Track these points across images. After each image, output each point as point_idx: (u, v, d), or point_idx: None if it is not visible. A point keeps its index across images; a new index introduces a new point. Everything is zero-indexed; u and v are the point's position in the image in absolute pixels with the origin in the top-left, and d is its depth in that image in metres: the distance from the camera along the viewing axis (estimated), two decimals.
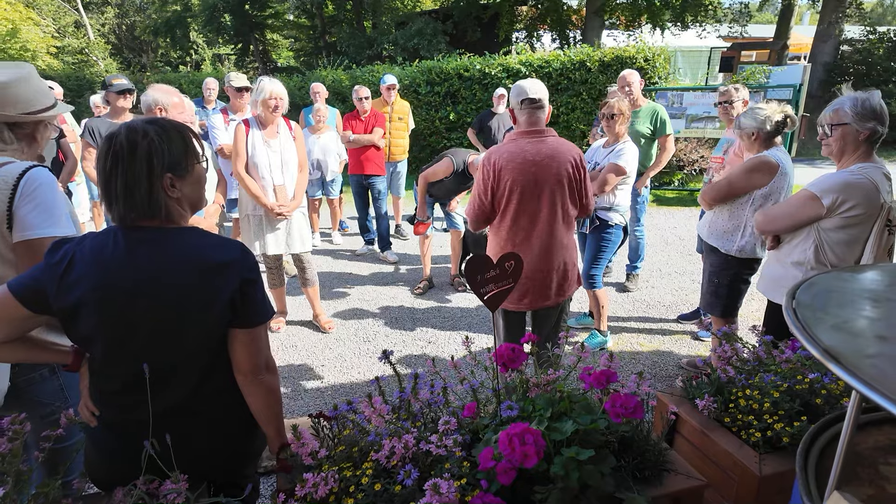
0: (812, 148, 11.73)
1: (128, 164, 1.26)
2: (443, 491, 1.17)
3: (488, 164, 2.47)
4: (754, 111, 2.77)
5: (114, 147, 1.26)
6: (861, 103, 2.17)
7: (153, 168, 1.28)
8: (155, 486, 1.30)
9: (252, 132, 3.80)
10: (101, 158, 1.28)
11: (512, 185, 2.45)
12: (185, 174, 1.35)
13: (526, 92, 2.46)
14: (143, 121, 1.30)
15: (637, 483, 1.44)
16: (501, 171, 2.44)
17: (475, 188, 2.58)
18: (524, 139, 2.48)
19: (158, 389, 1.33)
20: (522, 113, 2.49)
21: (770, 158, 2.73)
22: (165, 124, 1.32)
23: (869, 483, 0.85)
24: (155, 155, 1.27)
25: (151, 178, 1.28)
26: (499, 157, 2.45)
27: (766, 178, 2.72)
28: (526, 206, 2.48)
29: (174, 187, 1.33)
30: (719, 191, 2.88)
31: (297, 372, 3.70)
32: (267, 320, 1.42)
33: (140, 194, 1.27)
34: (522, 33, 19.59)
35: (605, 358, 1.62)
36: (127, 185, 1.26)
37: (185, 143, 1.34)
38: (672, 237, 6.62)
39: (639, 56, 9.13)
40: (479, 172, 2.52)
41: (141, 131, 1.27)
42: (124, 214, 1.30)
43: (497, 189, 2.48)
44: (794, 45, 20.04)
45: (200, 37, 25.13)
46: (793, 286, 0.89)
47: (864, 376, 0.62)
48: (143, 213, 1.30)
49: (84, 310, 1.27)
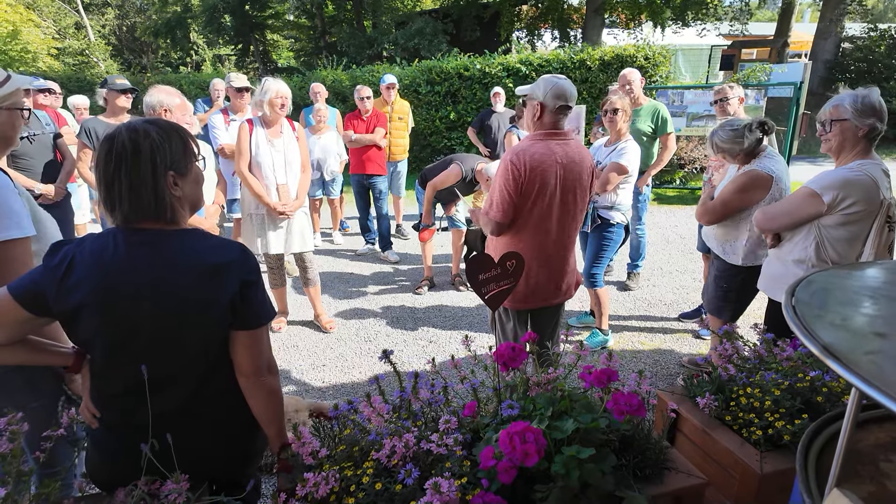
0: (813, 145, 11.72)
1: (132, 164, 1.25)
2: (443, 490, 1.17)
3: (519, 163, 2.36)
4: (726, 129, 2.74)
5: (116, 148, 1.25)
6: (861, 100, 2.17)
7: (157, 167, 1.28)
8: (156, 486, 1.30)
9: (256, 131, 3.80)
10: (101, 161, 1.27)
11: (541, 186, 2.38)
12: (185, 172, 1.35)
13: (567, 98, 2.37)
14: (141, 121, 1.31)
15: (638, 481, 1.44)
16: (532, 171, 2.36)
17: (499, 189, 2.43)
18: (552, 141, 2.41)
19: (159, 391, 1.33)
20: (553, 114, 2.39)
21: (761, 172, 2.67)
22: (164, 124, 1.33)
23: (869, 480, 0.85)
24: (158, 154, 1.27)
25: (156, 178, 1.28)
26: (530, 157, 2.36)
27: (762, 194, 2.68)
28: (550, 208, 2.44)
29: (177, 185, 1.33)
30: (714, 213, 2.85)
31: (299, 372, 3.71)
32: (268, 322, 1.42)
33: (146, 195, 1.27)
34: (523, 32, 19.58)
35: (604, 357, 1.62)
36: (132, 186, 1.26)
37: (183, 141, 1.35)
38: (673, 235, 6.62)
39: (639, 54, 9.13)
40: (505, 172, 2.39)
41: (142, 131, 1.27)
42: (129, 216, 1.29)
43: (526, 189, 2.39)
44: (795, 43, 20.01)
45: (201, 37, 25.12)
46: (792, 284, 0.89)
47: (863, 373, 0.62)
48: (149, 214, 1.30)
49: (84, 313, 1.27)
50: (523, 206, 2.44)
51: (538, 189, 2.39)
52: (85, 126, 3.91)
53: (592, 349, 3.76)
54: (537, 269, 2.53)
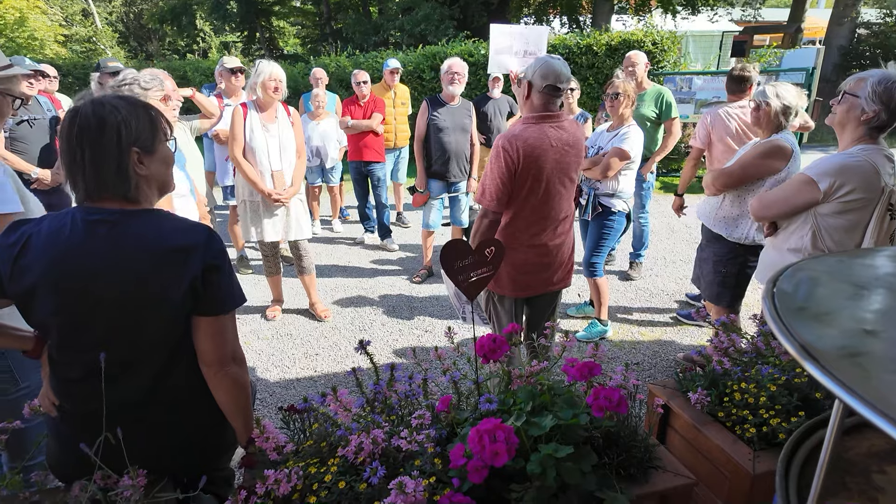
0: (824, 133, 11.44)
1: (95, 135, 1.21)
2: (408, 490, 1.11)
3: (511, 149, 2.25)
4: (783, 90, 2.68)
5: (80, 120, 1.20)
6: (885, 84, 2.01)
7: (121, 141, 1.23)
8: (114, 481, 1.25)
9: (250, 116, 3.72)
10: (64, 132, 1.22)
11: (536, 172, 2.29)
12: (152, 151, 1.30)
13: (556, 79, 2.24)
14: (109, 95, 1.26)
15: (622, 481, 1.36)
16: (527, 157, 2.26)
17: (492, 175, 2.33)
18: (546, 124, 2.30)
19: (119, 379, 1.28)
20: (541, 95, 2.29)
21: (784, 143, 2.65)
22: (132, 99, 1.29)
23: (859, 494, 0.75)
24: (123, 127, 1.22)
25: (120, 151, 1.23)
26: (523, 142, 2.25)
27: (780, 164, 2.64)
28: (547, 194, 2.36)
29: (142, 164, 1.28)
30: (731, 176, 2.78)
31: (292, 361, 3.66)
32: (233, 309, 1.35)
33: (109, 169, 1.23)
34: (531, 18, 19.30)
35: (591, 348, 1.54)
36: (94, 158, 1.22)
37: (151, 119, 1.30)
38: (678, 225, 6.49)
39: (647, 40, 8.93)
40: (497, 159, 2.29)
41: (108, 104, 1.22)
42: (91, 190, 1.25)
43: (520, 175, 2.29)
44: (809, 29, 19.57)
45: (207, 24, 25.02)
46: (777, 271, 0.79)
47: (846, 379, 0.53)
48: (111, 189, 1.25)
49: (39, 294, 1.22)
50: (518, 194, 2.35)
51: (533, 175, 2.30)
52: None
53: (590, 340, 3.68)
54: (534, 256, 2.45)
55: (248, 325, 4.14)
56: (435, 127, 4.55)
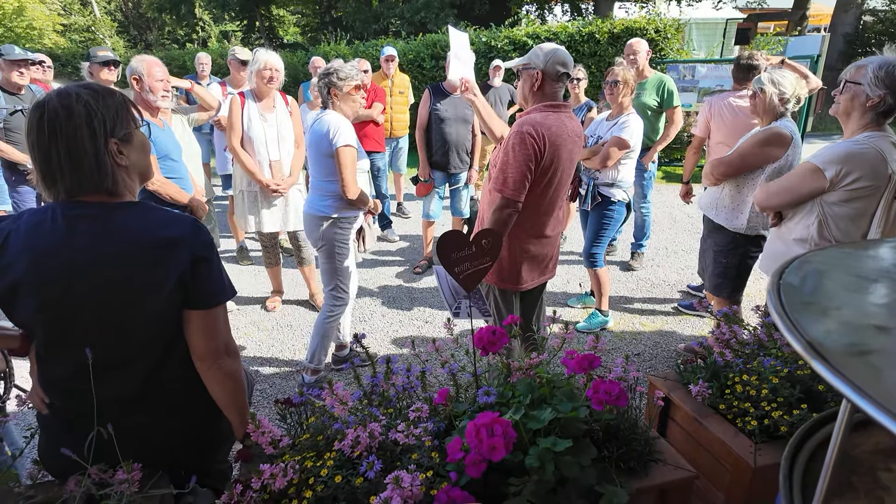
0: (829, 122, 11.37)
1: (67, 130, 1.16)
2: (405, 484, 1.09)
3: (538, 136, 2.15)
4: (779, 76, 2.66)
5: (48, 115, 1.15)
6: (885, 68, 1.99)
7: (95, 133, 1.18)
8: (109, 475, 1.23)
9: (248, 105, 3.69)
10: (33, 130, 1.16)
11: (556, 162, 2.24)
12: (129, 139, 1.27)
13: (569, 66, 2.23)
14: (73, 85, 1.21)
15: (622, 474, 1.35)
16: (552, 146, 2.19)
17: (516, 163, 2.17)
18: (562, 113, 2.26)
19: (109, 376, 1.26)
20: (554, 83, 2.24)
21: (783, 130, 2.62)
22: (98, 88, 1.23)
23: (865, 494, 0.73)
24: (95, 118, 1.18)
25: (96, 143, 1.19)
26: (546, 130, 2.17)
27: (780, 151, 2.62)
28: (561, 183, 2.34)
29: (122, 154, 1.24)
30: (730, 165, 2.75)
31: (292, 352, 3.65)
32: (224, 301, 1.33)
33: (87, 163, 1.19)
34: (533, 6, 19.09)
35: (591, 339, 1.52)
36: (70, 154, 1.17)
37: (121, 106, 1.25)
38: (680, 214, 6.45)
39: (649, 27, 8.82)
40: (522, 145, 2.16)
41: (74, 95, 1.17)
42: (72, 189, 1.20)
43: (544, 165, 2.22)
44: (814, 16, 19.33)
45: (206, 13, 24.79)
46: (783, 263, 0.76)
47: (855, 378, 0.50)
48: (92, 184, 1.21)
49: (21, 292, 1.19)
50: (539, 182, 2.26)
51: (553, 165, 2.24)
52: None
53: (591, 330, 3.66)
54: (540, 248, 2.43)
55: (249, 317, 4.13)
56: (436, 117, 4.50)
